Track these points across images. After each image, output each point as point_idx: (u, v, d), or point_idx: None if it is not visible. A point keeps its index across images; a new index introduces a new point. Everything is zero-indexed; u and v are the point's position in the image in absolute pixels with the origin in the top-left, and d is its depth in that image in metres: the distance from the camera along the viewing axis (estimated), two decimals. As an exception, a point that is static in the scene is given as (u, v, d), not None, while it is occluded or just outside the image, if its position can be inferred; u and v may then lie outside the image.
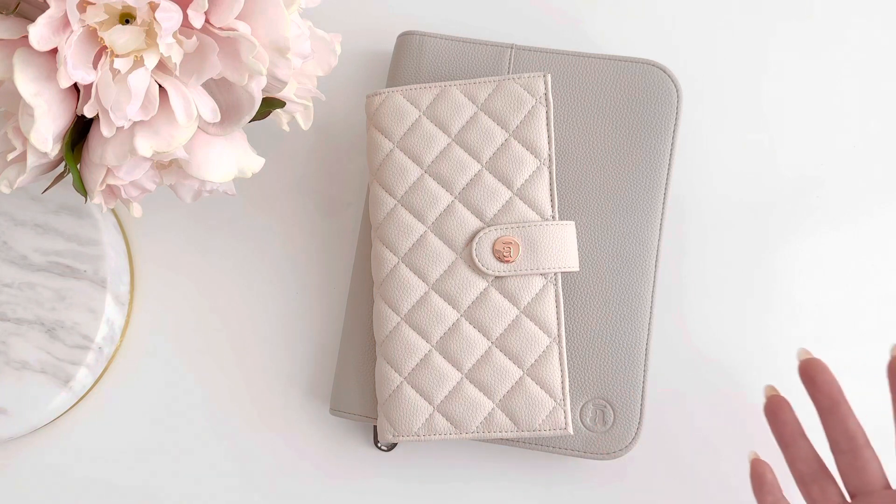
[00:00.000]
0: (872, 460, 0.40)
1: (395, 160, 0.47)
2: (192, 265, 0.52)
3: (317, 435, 0.50)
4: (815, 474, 0.41)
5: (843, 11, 0.52)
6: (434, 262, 0.46)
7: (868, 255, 0.50)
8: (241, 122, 0.40)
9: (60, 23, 0.36)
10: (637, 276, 0.47)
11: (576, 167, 0.47)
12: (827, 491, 0.40)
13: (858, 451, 0.40)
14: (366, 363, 0.47)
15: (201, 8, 0.36)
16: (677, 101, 0.48)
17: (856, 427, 0.40)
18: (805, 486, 0.41)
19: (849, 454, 0.40)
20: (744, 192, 0.50)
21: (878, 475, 0.39)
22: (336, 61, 0.45)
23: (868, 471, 0.39)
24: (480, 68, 0.49)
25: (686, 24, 0.52)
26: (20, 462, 0.50)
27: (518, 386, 0.45)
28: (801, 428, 0.42)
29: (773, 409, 0.42)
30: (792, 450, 0.41)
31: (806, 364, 0.41)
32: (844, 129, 0.51)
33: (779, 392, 0.43)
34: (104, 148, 0.39)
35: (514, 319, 0.45)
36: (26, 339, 0.48)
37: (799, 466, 0.41)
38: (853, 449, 0.40)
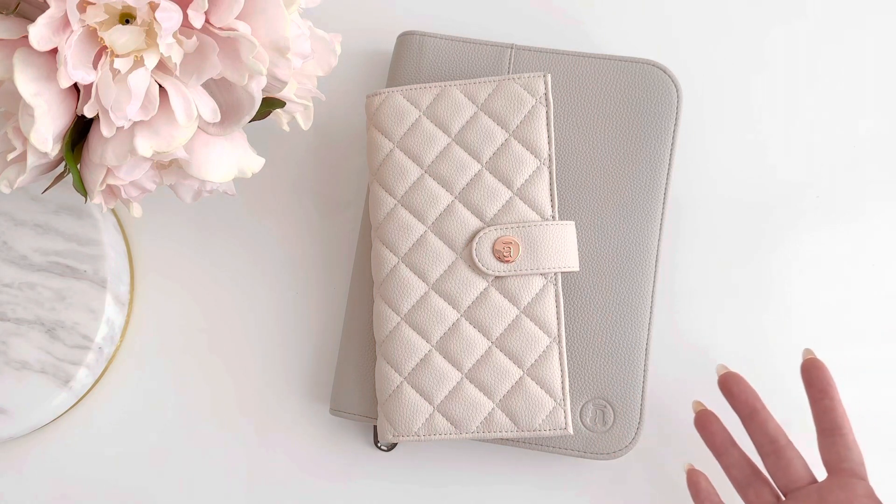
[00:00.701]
0: (795, 459, 0.42)
1: (395, 160, 0.47)
2: (192, 265, 0.52)
3: (317, 435, 0.50)
4: (749, 478, 0.43)
5: (842, 12, 0.52)
6: (434, 262, 0.46)
7: (867, 254, 0.50)
8: (241, 122, 0.40)
9: (60, 23, 0.36)
10: (637, 276, 0.47)
11: (576, 167, 0.47)
12: (761, 493, 0.42)
13: (781, 452, 0.42)
14: (366, 363, 0.47)
15: (201, 8, 0.36)
16: (677, 101, 0.48)
17: (776, 430, 0.42)
18: (742, 490, 0.43)
19: (773, 455, 0.42)
20: (743, 191, 0.50)
21: (802, 472, 0.41)
22: (336, 61, 0.45)
23: (792, 469, 0.41)
24: (480, 68, 0.49)
25: (686, 24, 0.52)
26: (20, 462, 0.50)
27: (518, 386, 0.45)
28: (730, 437, 0.44)
29: (703, 423, 0.44)
30: (725, 458, 0.43)
31: (724, 378, 0.44)
32: (843, 130, 0.51)
33: (705, 406, 0.45)
34: (104, 148, 0.39)
35: (514, 319, 0.45)
36: (26, 339, 0.48)
37: (733, 473, 0.43)
38: (776, 450, 0.42)
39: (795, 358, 0.48)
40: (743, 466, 0.43)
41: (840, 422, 0.41)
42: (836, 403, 0.42)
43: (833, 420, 0.41)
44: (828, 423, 0.42)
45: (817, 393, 0.42)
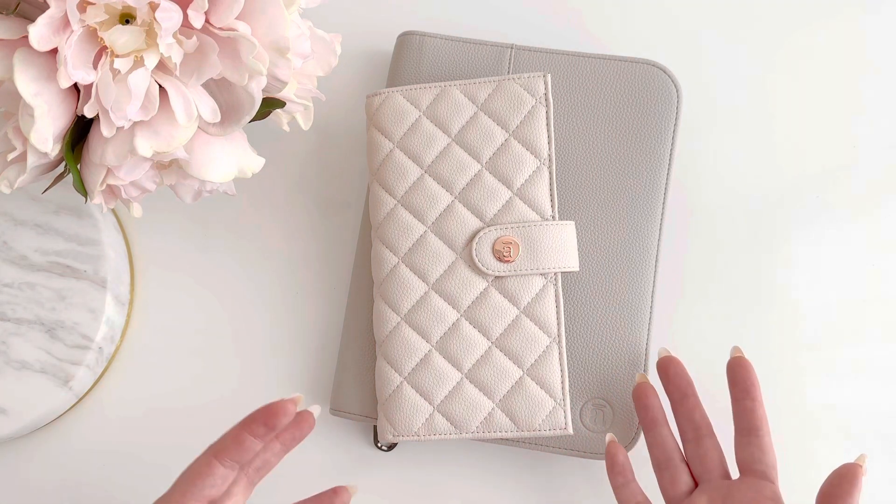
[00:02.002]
0: (713, 450, 0.42)
1: (395, 160, 0.47)
2: (192, 265, 0.52)
3: (317, 435, 0.50)
4: (669, 461, 0.43)
5: (842, 12, 0.52)
6: (434, 262, 0.46)
7: (868, 254, 0.50)
8: (241, 122, 0.40)
9: (60, 23, 0.36)
10: (637, 275, 0.47)
11: (576, 167, 0.47)
12: (677, 478, 0.42)
13: (701, 441, 0.42)
14: (366, 363, 0.47)
15: (201, 8, 0.36)
16: (677, 101, 0.48)
17: (701, 419, 0.43)
18: (659, 471, 0.43)
19: (693, 443, 0.43)
20: (743, 191, 0.50)
21: (717, 464, 0.42)
22: (336, 61, 0.45)
23: (708, 459, 0.42)
24: (480, 68, 0.49)
25: (686, 24, 0.52)
26: (20, 462, 0.50)
27: (518, 386, 0.45)
28: (663, 416, 0.44)
29: (640, 395, 0.44)
30: (652, 434, 0.43)
31: (663, 361, 0.44)
32: (844, 129, 0.51)
33: (648, 380, 0.44)
34: (104, 148, 0.39)
35: (514, 319, 0.45)
36: (26, 339, 0.48)
37: (656, 452, 0.43)
38: (697, 438, 0.42)
39: (796, 358, 0.49)
40: (666, 448, 0.43)
41: (758, 423, 0.41)
42: (758, 405, 0.42)
43: (752, 421, 0.41)
44: (746, 424, 0.42)
45: (740, 392, 0.42)
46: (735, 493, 0.40)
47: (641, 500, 0.43)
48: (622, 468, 0.43)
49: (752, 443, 0.41)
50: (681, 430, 0.43)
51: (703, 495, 0.41)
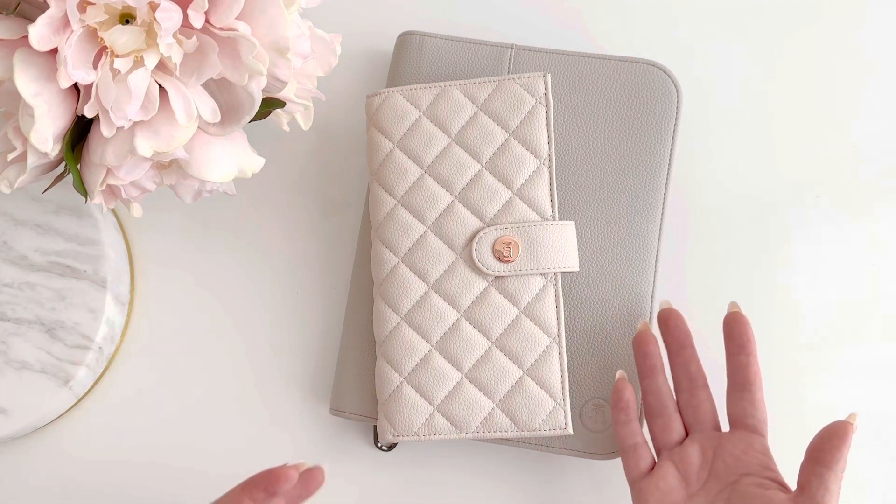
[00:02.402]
0: (706, 401, 0.43)
1: (395, 160, 0.47)
2: (192, 265, 0.52)
3: (317, 435, 0.50)
4: (664, 409, 0.43)
5: (842, 12, 0.52)
6: (434, 262, 0.46)
7: (867, 254, 0.50)
8: (241, 122, 0.40)
9: (60, 23, 0.36)
10: (637, 276, 0.47)
11: (576, 167, 0.47)
12: (669, 426, 0.43)
13: (695, 392, 0.43)
14: (366, 363, 0.47)
15: (201, 8, 0.36)
16: (677, 101, 0.48)
17: (697, 371, 0.43)
18: (652, 418, 0.44)
19: (687, 393, 0.43)
20: (743, 191, 0.50)
21: (709, 415, 0.43)
22: (336, 61, 0.45)
23: (701, 410, 0.43)
24: (480, 68, 0.49)
25: (686, 24, 0.52)
26: (20, 462, 0.50)
27: (518, 386, 0.45)
28: (661, 364, 0.44)
29: (640, 342, 0.44)
30: (648, 381, 0.44)
31: (664, 312, 0.45)
32: (844, 129, 0.51)
33: (650, 329, 0.45)
34: (104, 148, 0.39)
35: (514, 319, 0.45)
36: (26, 339, 0.48)
37: (650, 399, 0.44)
38: (691, 388, 0.43)
39: (796, 358, 0.48)
40: (661, 396, 0.44)
41: (752, 378, 0.42)
42: (752, 360, 0.42)
43: (746, 376, 0.42)
44: (740, 379, 0.42)
45: (736, 347, 0.43)
46: (726, 444, 0.41)
47: (640, 440, 0.43)
48: (626, 405, 0.44)
49: (744, 398, 0.42)
50: (676, 380, 0.44)
51: (694, 444, 0.42)
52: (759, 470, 0.41)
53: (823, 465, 0.39)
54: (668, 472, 0.42)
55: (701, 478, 0.42)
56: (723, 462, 0.41)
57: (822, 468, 0.39)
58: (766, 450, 0.41)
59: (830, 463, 0.39)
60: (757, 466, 0.41)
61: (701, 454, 0.42)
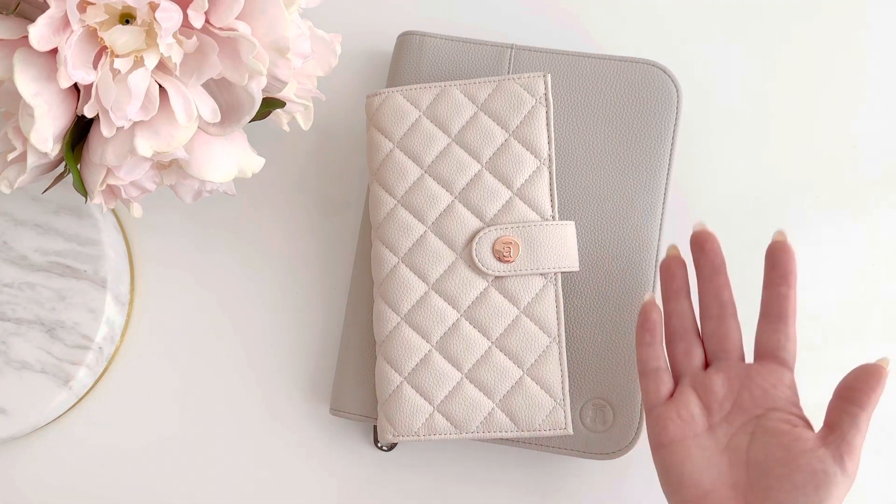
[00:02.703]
0: (735, 330, 0.41)
1: (395, 160, 0.47)
2: (192, 265, 0.52)
3: (317, 435, 0.50)
4: (686, 332, 0.42)
5: (842, 12, 0.52)
6: (434, 262, 0.46)
7: (867, 254, 0.50)
8: (241, 122, 0.40)
9: (60, 23, 0.36)
10: (637, 276, 0.47)
11: (576, 167, 0.47)
12: (691, 351, 0.42)
13: (725, 319, 0.41)
14: (366, 363, 0.47)
15: (201, 8, 0.36)
16: (677, 101, 0.48)
17: (728, 298, 0.42)
18: (673, 341, 0.42)
19: (716, 320, 0.42)
20: (743, 191, 0.50)
21: (736, 344, 0.41)
22: (336, 61, 0.45)
23: (729, 339, 0.41)
24: (480, 68, 0.49)
25: (686, 24, 0.52)
26: (20, 462, 0.50)
27: (518, 386, 0.45)
28: (687, 288, 0.43)
29: (669, 266, 0.43)
30: (672, 303, 0.43)
31: (699, 234, 0.43)
32: (844, 129, 0.51)
33: (679, 254, 0.43)
34: (104, 148, 0.39)
35: (514, 319, 0.45)
36: (26, 339, 0.48)
37: (673, 321, 0.42)
38: (721, 316, 0.42)
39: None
40: (685, 319, 0.42)
41: (790, 311, 0.40)
42: (792, 292, 0.41)
43: (784, 307, 0.40)
44: (777, 310, 0.41)
45: (778, 277, 0.41)
46: (755, 376, 0.40)
47: (662, 365, 0.42)
48: (652, 325, 0.42)
49: (779, 329, 0.40)
50: (705, 306, 0.42)
51: (719, 373, 0.41)
52: (786, 405, 0.39)
53: (857, 405, 0.37)
54: (690, 400, 0.41)
55: (724, 409, 0.40)
56: (749, 394, 0.40)
57: (855, 408, 0.37)
58: (794, 386, 0.40)
59: (865, 403, 0.37)
60: (785, 402, 0.39)
61: (727, 384, 0.40)
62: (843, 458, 0.37)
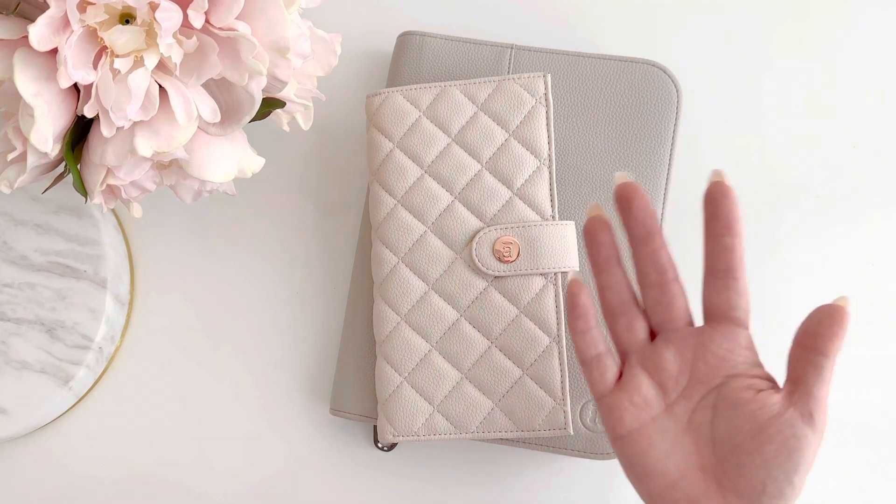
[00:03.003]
0: (679, 296, 0.37)
1: (395, 160, 0.47)
2: (192, 265, 0.52)
3: (317, 435, 0.50)
4: (625, 306, 0.38)
5: (842, 11, 0.52)
6: (434, 262, 0.46)
7: (867, 254, 0.50)
8: (242, 122, 0.40)
9: (60, 23, 0.36)
10: (637, 276, 0.47)
11: (576, 167, 0.47)
12: (634, 325, 0.38)
13: (667, 286, 0.37)
14: (366, 363, 0.47)
15: (201, 8, 0.36)
16: (677, 101, 0.48)
17: (667, 260, 0.37)
18: (612, 317, 0.38)
19: (657, 288, 0.37)
20: (743, 192, 0.50)
21: (683, 311, 0.37)
22: (336, 61, 0.45)
23: (674, 306, 0.37)
24: (480, 68, 0.49)
25: (686, 24, 0.52)
26: (20, 462, 0.51)
27: (518, 386, 0.45)
28: (618, 254, 0.38)
29: (592, 231, 0.38)
30: (605, 275, 0.38)
31: (623, 188, 0.37)
32: (844, 129, 0.51)
33: (603, 213, 0.39)
34: (104, 148, 0.39)
35: (514, 319, 0.45)
36: (26, 339, 0.49)
37: (608, 296, 0.38)
38: (662, 283, 0.37)
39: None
40: (622, 291, 0.38)
41: (738, 264, 0.36)
42: (739, 243, 0.36)
43: (731, 261, 0.36)
44: (724, 265, 0.36)
45: (721, 227, 0.36)
46: (708, 343, 0.36)
47: (603, 349, 0.38)
48: (584, 310, 0.38)
49: (729, 286, 0.36)
50: (642, 274, 0.38)
51: (669, 346, 0.37)
52: (746, 368, 0.36)
53: (821, 354, 0.34)
54: (642, 381, 0.37)
55: (679, 384, 0.36)
56: (705, 364, 0.36)
57: (819, 357, 0.34)
58: (751, 344, 0.36)
59: (828, 350, 0.34)
60: (744, 365, 0.36)
61: (678, 356, 0.37)
62: (812, 414, 0.34)
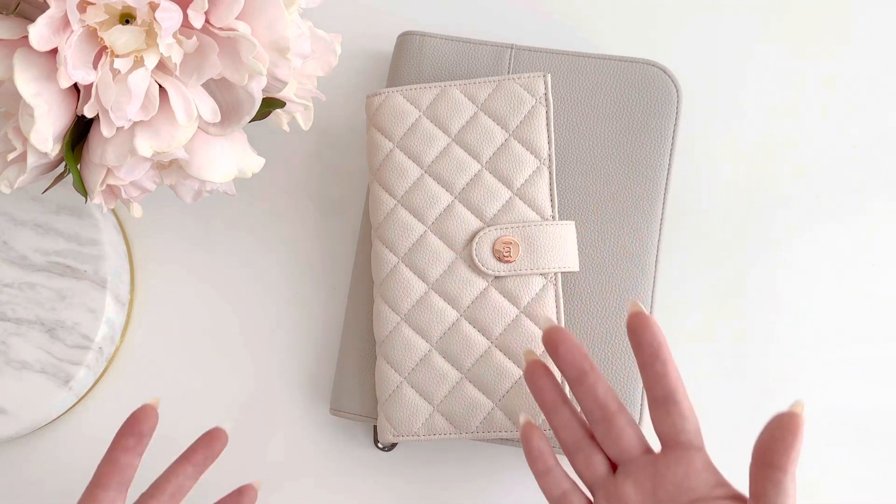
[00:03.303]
0: (627, 426, 0.38)
1: (395, 160, 0.47)
2: (192, 265, 0.52)
3: (317, 435, 0.50)
4: (579, 443, 0.38)
5: (842, 11, 0.52)
6: (434, 262, 0.46)
7: (867, 255, 0.50)
8: (242, 122, 0.40)
9: (60, 23, 0.36)
10: (637, 275, 0.47)
11: (576, 167, 0.47)
12: (592, 460, 0.38)
13: (612, 420, 0.38)
14: (366, 363, 0.47)
15: (201, 8, 0.36)
16: (677, 101, 0.48)
17: (606, 394, 0.38)
18: (571, 455, 0.39)
19: (603, 423, 0.38)
20: (743, 192, 0.50)
21: (634, 441, 0.37)
22: (336, 61, 0.45)
23: (624, 438, 0.37)
24: (480, 68, 0.49)
25: (686, 24, 0.52)
26: (20, 462, 0.50)
27: (518, 386, 0.45)
28: (562, 394, 0.39)
29: (532, 375, 0.40)
30: (554, 417, 0.39)
31: (549, 333, 0.39)
32: (844, 129, 0.51)
33: (537, 357, 0.40)
34: (104, 148, 0.39)
35: (514, 319, 0.45)
36: (26, 339, 0.48)
37: (563, 435, 0.39)
38: (606, 417, 0.38)
39: (796, 359, 0.48)
40: (573, 429, 0.39)
41: (674, 387, 0.36)
42: (669, 367, 0.36)
43: (666, 387, 0.36)
44: (661, 391, 0.36)
45: (647, 357, 0.37)
46: (663, 470, 0.36)
47: (567, 487, 0.39)
48: (539, 453, 0.39)
49: (671, 411, 0.36)
50: (586, 412, 0.38)
51: (627, 479, 0.37)
52: (708, 490, 0.36)
53: (779, 469, 0.34)
54: None
55: None
56: (665, 492, 0.36)
57: (777, 473, 0.34)
58: (708, 465, 0.36)
59: (785, 465, 0.33)
60: (706, 487, 0.36)
61: (638, 489, 0.37)
62: None
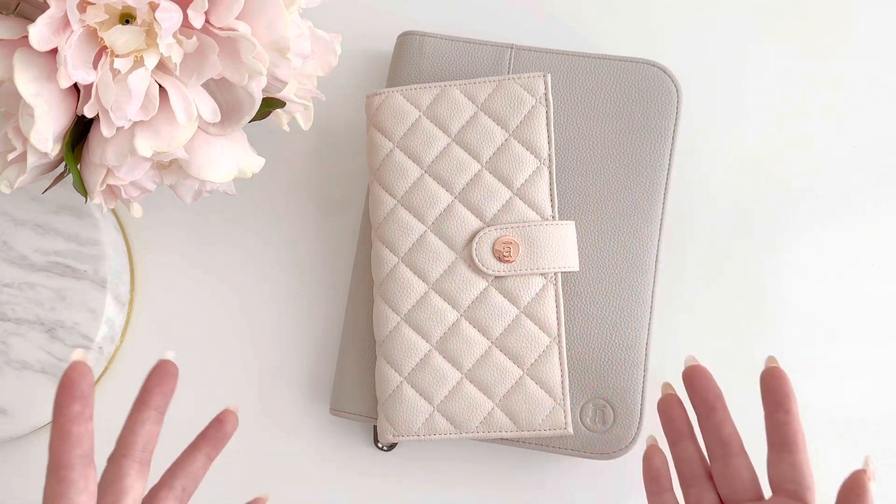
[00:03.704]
0: (743, 469, 0.39)
1: (395, 160, 0.47)
2: (193, 265, 0.52)
3: (317, 435, 0.50)
4: (696, 478, 0.40)
5: (842, 11, 0.52)
6: (434, 262, 0.46)
7: (866, 255, 0.50)
8: (242, 122, 0.40)
9: (60, 23, 0.36)
10: (637, 275, 0.47)
11: (576, 167, 0.47)
12: (703, 496, 0.39)
13: (729, 459, 0.39)
14: (366, 363, 0.47)
15: (201, 8, 0.36)
16: (677, 101, 0.48)
17: (730, 434, 0.39)
18: (685, 488, 0.40)
19: (721, 461, 0.39)
20: (743, 192, 0.50)
21: (747, 485, 0.39)
22: (336, 61, 0.45)
23: (737, 479, 0.39)
24: (480, 68, 0.49)
25: (685, 24, 0.52)
26: (20, 462, 0.50)
27: (518, 386, 0.45)
28: (690, 429, 0.41)
29: (665, 407, 0.42)
30: (678, 449, 0.41)
31: (689, 371, 0.41)
32: (844, 129, 0.51)
33: (674, 391, 0.42)
34: (104, 148, 0.39)
35: (514, 319, 0.45)
36: (26, 339, 0.48)
37: (681, 468, 0.41)
38: (725, 456, 0.39)
39: (796, 359, 0.48)
40: (693, 463, 0.40)
41: (792, 438, 0.38)
42: (792, 418, 0.38)
43: (785, 436, 0.38)
44: (779, 439, 0.38)
45: (773, 404, 0.39)
46: None
47: None
48: (657, 474, 0.41)
49: (783, 459, 0.38)
50: (708, 447, 0.40)
51: None
52: None
53: None
54: None
55: None
56: None
57: None
58: None
59: None
60: None
61: None
62: None
